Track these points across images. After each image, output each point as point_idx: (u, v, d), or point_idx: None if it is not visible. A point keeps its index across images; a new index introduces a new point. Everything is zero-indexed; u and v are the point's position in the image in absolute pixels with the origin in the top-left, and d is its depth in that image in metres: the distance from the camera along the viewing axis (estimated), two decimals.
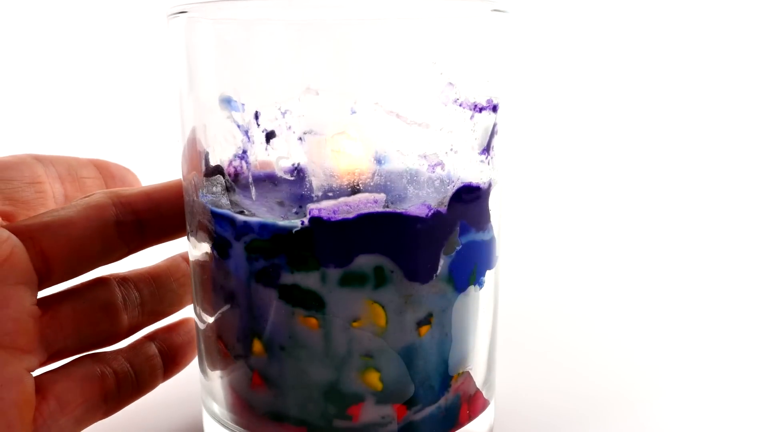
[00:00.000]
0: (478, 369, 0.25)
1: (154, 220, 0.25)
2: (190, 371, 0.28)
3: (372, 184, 0.21)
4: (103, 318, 0.25)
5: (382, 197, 0.21)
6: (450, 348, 0.23)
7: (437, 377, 0.23)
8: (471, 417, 0.25)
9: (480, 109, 0.22)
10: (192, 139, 0.23)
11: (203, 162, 0.23)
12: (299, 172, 0.22)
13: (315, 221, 0.20)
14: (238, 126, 0.22)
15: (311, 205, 0.21)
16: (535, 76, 0.67)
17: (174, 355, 0.28)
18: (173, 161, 0.26)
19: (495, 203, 0.24)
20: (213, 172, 0.23)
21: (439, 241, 0.22)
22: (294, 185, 0.23)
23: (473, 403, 0.25)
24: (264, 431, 0.23)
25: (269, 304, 0.22)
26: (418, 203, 0.21)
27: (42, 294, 0.23)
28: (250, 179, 0.23)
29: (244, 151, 0.22)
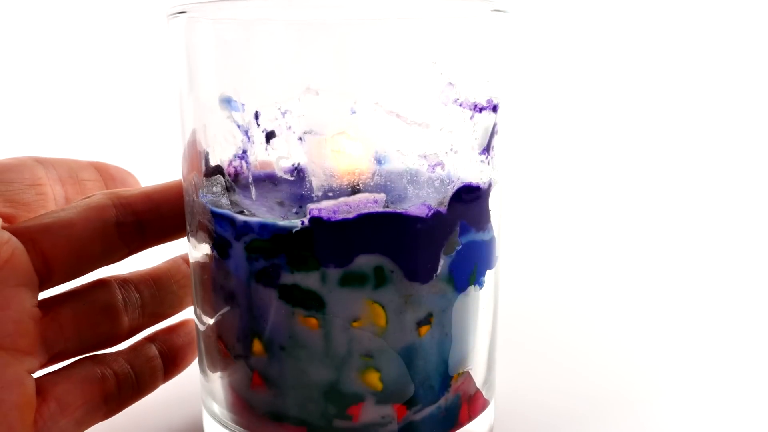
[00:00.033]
0: (478, 369, 0.25)
1: (154, 220, 0.25)
2: (190, 371, 0.28)
3: (372, 184, 0.21)
4: (104, 320, 0.25)
5: (382, 197, 0.21)
6: (450, 348, 0.23)
7: (437, 377, 0.23)
8: (471, 417, 0.25)
9: (480, 109, 0.22)
10: (192, 140, 0.23)
11: (203, 162, 0.23)
12: (299, 172, 0.22)
13: (315, 221, 0.20)
14: (238, 126, 0.22)
15: (311, 205, 0.21)
16: (535, 76, 0.67)
17: (174, 357, 0.28)
18: (173, 162, 0.26)
19: (495, 203, 0.24)
20: (213, 172, 0.23)
21: (439, 241, 0.22)
22: (294, 185, 0.23)
23: (473, 403, 0.25)
24: (264, 431, 0.23)
25: (269, 304, 0.22)
26: (418, 203, 0.21)
27: (43, 296, 0.23)
28: (250, 179, 0.23)
29: (244, 151, 0.22)
